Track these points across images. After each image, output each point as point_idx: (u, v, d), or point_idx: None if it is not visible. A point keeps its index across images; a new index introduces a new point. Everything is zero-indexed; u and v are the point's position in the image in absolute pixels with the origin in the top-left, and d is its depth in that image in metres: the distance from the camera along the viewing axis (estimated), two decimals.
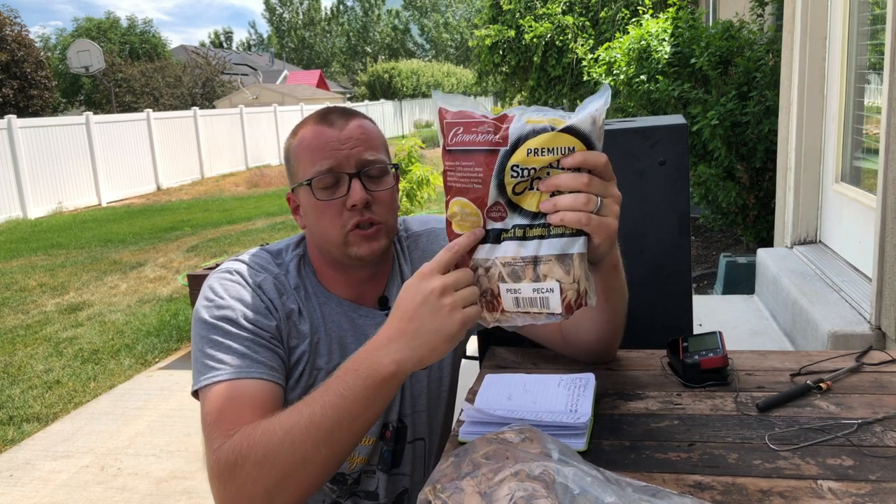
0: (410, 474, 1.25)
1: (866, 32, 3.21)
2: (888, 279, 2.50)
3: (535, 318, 0.88)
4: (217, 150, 16.79)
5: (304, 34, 60.84)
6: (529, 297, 0.85)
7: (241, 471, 0.89)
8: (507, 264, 0.86)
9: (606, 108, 0.84)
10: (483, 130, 0.85)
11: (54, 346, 4.86)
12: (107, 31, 32.77)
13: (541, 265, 0.84)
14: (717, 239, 5.86)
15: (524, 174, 0.84)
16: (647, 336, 1.29)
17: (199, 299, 1.11)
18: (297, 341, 1.13)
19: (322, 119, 1.15)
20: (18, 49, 20.76)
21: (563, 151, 0.83)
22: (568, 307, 0.85)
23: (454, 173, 0.87)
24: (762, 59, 4.61)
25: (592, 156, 0.83)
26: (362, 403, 0.87)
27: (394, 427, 1.21)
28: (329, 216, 1.12)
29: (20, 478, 3.06)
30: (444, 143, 0.88)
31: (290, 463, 0.88)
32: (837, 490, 0.81)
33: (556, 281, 0.84)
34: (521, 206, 0.86)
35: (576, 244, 0.85)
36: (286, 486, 0.89)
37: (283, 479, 0.88)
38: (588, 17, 9.98)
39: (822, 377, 1.10)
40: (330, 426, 0.87)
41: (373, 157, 1.13)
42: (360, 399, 0.87)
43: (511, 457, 0.76)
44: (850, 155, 3.39)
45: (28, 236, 9.60)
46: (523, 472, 0.72)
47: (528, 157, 0.83)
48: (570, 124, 0.83)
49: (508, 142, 0.84)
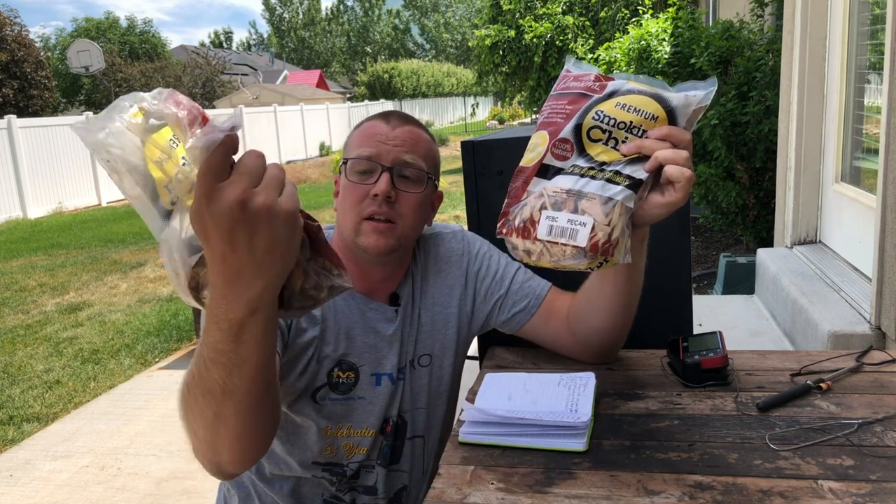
0: (409, 471, 1.25)
1: (866, 32, 3.21)
2: (888, 279, 2.50)
3: (560, 254, 0.88)
4: None
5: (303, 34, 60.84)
6: (562, 226, 0.87)
7: (183, 424, 0.83)
8: (554, 194, 0.89)
9: (708, 100, 0.89)
10: (587, 79, 0.93)
11: (54, 346, 4.86)
12: (106, 32, 32.74)
13: (583, 200, 0.87)
14: (717, 239, 5.86)
15: (605, 121, 0.89)
16: (647, 336, 1.29)
17: None
18: (308, 324, 1.14)
19: (383, 116, 1.22)
20: (18, 49, 20.76)
21: (648, 116, 0.89)
22: (594, 246, 0.86)
23: (546, 112, 0.94)
24: (762, 59, 4.61)
25: (677, 131, 0.89)
26: (240, 352, 0.73)
27: (394, 422, 1.22)
28: (352, 199, 1.15)
29: (20, 478, 3.06)
30: (553, 91, 0.96)
31: (206, 418, 0.79)
32: (838, 490, 0.81)
33: (591, 217, 0.86)
34: (587, 151, 0.90)
35: (623, 194, 0.88)
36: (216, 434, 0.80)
37: (208, 430, 0.80)
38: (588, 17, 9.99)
39: (822, 377, 1.10)
40: (222, 379, 0.75)
41: (411, 160, 1.17)
42: (232, 350, 0.73)
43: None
44: (850, 155, 3.39)
45: (28, 236, 9.59)
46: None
47: (615, 109, 0.89)
48: (663, 95, 0.89)
49: (604, 91, 0.91)
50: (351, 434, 1.18)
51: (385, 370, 1.20)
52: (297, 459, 1.17)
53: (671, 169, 0.88)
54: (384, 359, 1.20)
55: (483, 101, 42.88)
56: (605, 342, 1.19)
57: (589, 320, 1.17)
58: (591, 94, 0.91)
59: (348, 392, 1.17)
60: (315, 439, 1.16)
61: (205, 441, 0.82)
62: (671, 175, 0.88)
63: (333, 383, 1.16)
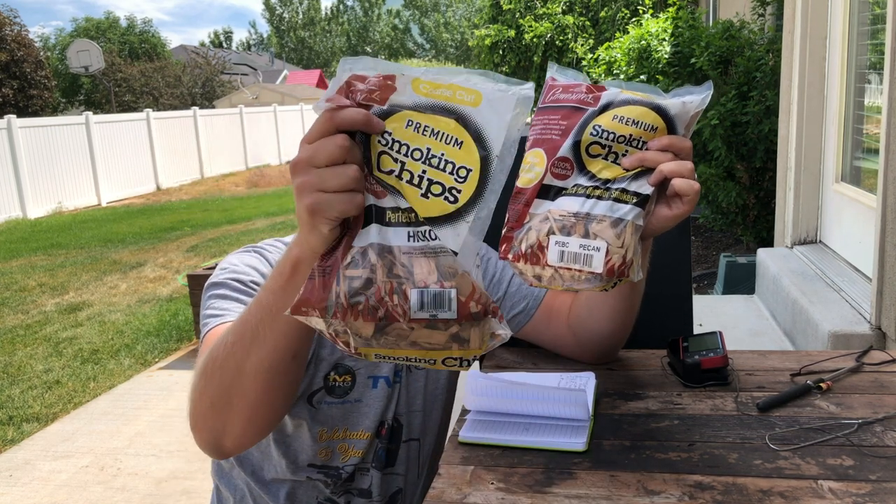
0: (404, 474, 1.25)
1: (866, 32, 3.21)
2: (888, 279, 2.50)
3: (574, 280, 0.86)
4: (217, 150, 16.78)
5: (303, 34, 60.85)
6: (575, 251, 0.85)
7: (194, 387, 0.86)
8: (561, 218, 0.86)
9: (704, 104, 0.87)
10: (578, 91, 0.90)
11: (54, 346, 4.86)
12: (106, 31, 32.76)
13: (593, 223, 0.85)
14: (717, 239, 5.86)
15: (604, 136, 0.87)
16: (647, 336, 1.29)
17: (214, 273, 1.12)
18: None
19: None
20: (18, 49, 20.76)
21: (647, 127, 0.87)
22: (610, 270, 0.84)
23: (537, 127, 0.91)
24: (762, 59, 4.62)
25: (678, 140, 0.87)
26: (279, 294, 0.80)
27: (389, 425, 1.21)
28: None
29: (20, 478, 3.06)
30: (539, 104, 0.92)
31: (227, 372, 0.84)
32: (838, 490, 0.81)
33: (603, 241, 0.84)
34: (588, 169, 0.88)
35: (633, 213, 0.86)
36: (228, 401, 0.85)
37: (224, 392, 0.84)
38: (588, 17, 9.99)
39: (822, 377, 1.10)
40: (255, 323, 0.82)
41: None
42: (278, 290, 0.80)
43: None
44: (851, 155, 3.39)
45: (28, 236, 9.59)
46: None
47: (613, 122, 0.87)
48: (660, 104, 0.87)
49: (599, 104, 0.88)
50: (346, 437, 1.18)
51: (382, 373, 1.19)
52: (292, 462, 1.17)
53: (679, 182, 0.86)
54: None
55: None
56: (607, 344, 1.19)
57: (591, 324, 1.16)
58: (585, 108, 0.88)
59: (345, 395, 1.17)
60: (310, 442, 1.16)
61: (215, 410, 0.85)
62: (679, 188, 0.86)
63: (330, 387, 1.16)
